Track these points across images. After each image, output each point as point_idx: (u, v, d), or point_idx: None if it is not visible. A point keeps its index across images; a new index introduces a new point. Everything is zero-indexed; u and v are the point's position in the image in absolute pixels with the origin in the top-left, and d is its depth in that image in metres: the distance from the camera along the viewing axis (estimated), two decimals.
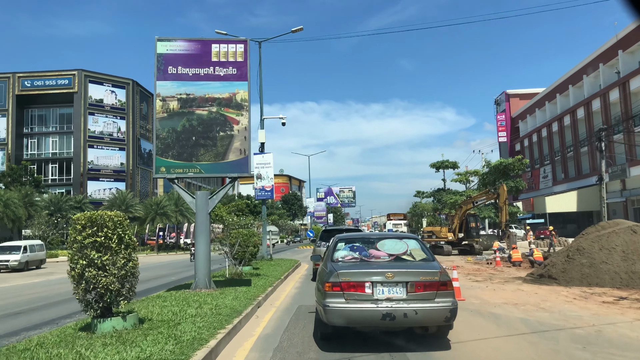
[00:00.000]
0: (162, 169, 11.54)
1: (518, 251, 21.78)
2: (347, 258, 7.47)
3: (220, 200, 12.02)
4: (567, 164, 55.45)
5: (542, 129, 61.50)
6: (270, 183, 24.11)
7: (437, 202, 50.17)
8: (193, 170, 11.49)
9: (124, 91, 68.62)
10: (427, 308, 6.40)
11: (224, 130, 11.43)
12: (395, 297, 6.40)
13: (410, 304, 6.36)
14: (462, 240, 32.21)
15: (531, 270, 17.98)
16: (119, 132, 67.66)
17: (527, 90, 72.21)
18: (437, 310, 6.42)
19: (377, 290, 6.44)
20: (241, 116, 11.49)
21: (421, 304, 6.40)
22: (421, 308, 6.37)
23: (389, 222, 55.25)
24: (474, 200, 31.36)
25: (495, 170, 35.53)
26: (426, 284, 6.47)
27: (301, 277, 18.64)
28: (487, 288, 14.03)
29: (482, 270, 20.45)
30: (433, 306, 6.41)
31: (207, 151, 11.40)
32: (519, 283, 15.17)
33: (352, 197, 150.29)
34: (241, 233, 16.91)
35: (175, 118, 11.51)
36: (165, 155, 11.45)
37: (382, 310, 6.31)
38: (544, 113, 62.39)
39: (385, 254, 7.44)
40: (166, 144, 11.53)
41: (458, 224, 32.15)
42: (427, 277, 6.53)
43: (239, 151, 11.49)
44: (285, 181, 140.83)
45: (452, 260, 26.67)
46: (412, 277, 6.53)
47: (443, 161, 50.44)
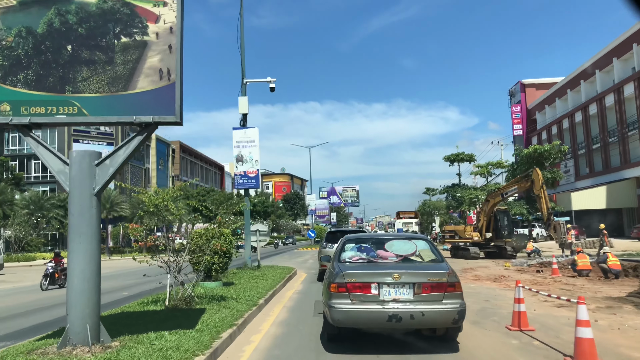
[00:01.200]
0: (3, 106, 5.75)
1: (586, 256, 16.10)
2: (355, 259, 7.31)
3: (119, 167, 6.47)
4: (593, 157, 49.70)
5: (564, 119, 55.78)
6: (255, 168, 18.28)
7: (451, 199, 44.51)
8: (68, 108, 5.74)
9: None
10: (435, 310, 6.14)
11: (129, 32, 5.88)
12: (401, 298, 6.20)
13: (417, 306, 6.13)
14: (490, 241, 26.59)
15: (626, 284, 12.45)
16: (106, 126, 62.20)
17: (544, 79, 66.48)
18: (445, 312, 6.14)
19: (383, 292, 6.25)
20: (163, 6, 5.91)
21: (428, 305, 6.15)
22: (428, 310, 6.12)
23: (398, 221, 49.26)
24: (503, 191, 25.71)
25: (527, 158, 29.83)
26: (433, 285, 6.23)
27: (296, 294, 13.00)
28: (596, 323, 8.25)
29: (540, 281, 14.84)
30: (440, 308, 6.15)
31: (96, 73, 5.84)
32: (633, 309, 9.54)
33: (355, 197, 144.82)
34: (196, 234, 11.47)
35: (33, 9, 5.78)
36: (11, 80, 5.73)
37: (388, 312, 6.11)
38: (565, 103, 56.68)
39: (393, 255, 7.23)
40: (13, 58, 5.78)
41: (485, 222, 26.49)
42: (434, 278, 6.29)
43: (158, 73, 5.89)
44: (287, 180, 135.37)
45: (485, 266, 20.98)
46: (419, 278, 6.33)
47: (458, 154, 44.83)
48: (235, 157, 18.23)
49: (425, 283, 6.25)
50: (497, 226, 26.41)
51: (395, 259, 7.18)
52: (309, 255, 33.34)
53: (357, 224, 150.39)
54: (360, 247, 7.59)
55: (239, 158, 18.29)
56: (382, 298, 6.24)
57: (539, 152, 29.15)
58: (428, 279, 6.29)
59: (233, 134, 17.70)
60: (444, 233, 27.37)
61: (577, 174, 52.55)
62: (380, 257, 7.28)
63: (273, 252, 41.88)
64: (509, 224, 27.00)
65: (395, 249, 7.39)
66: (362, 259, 7.29)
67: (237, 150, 18.12)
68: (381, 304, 6.20)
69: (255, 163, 18.40)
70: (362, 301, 6.25)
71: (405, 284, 6.24)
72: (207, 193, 77.28)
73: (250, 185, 19.26)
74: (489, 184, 40.40)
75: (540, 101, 63.53)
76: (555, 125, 57.82)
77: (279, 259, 30.13)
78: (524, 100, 66.86)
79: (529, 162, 29.79)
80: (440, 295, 6.21)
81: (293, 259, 30.32)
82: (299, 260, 28.27)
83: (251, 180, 18.97)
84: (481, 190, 38.68)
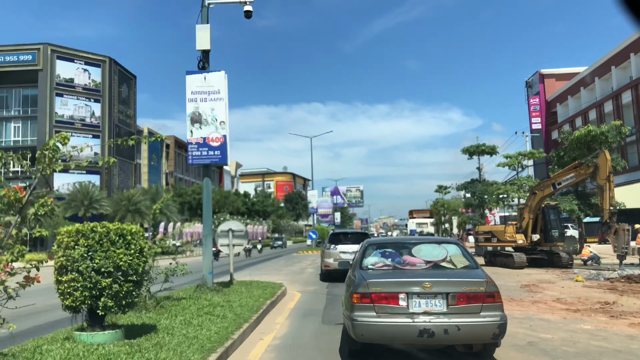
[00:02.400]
0: None
1: None
2: (378, 265, 6.28)
3: None
4: (627, 151, 43.69)
5: (590, 110, 49.82)
6: (221, 133, 11.80)
7: (472, 196, 38.62)
8: None
9: (99, 70, 57.49)
10: (472, 323, 5.23)
11: None
12: (433, 310, 5.31)
13: (452, 319, 5.23)
14: (537, 245, 20.71)
15: None
16: (92, 117, 56.55)
17: (564, 69, 60.52)
18: (483, 326, 5.24)
19: (412, 303, 5.35)
20: None
21: (464, 318, 5.23)
22: (464, 323, 5.20)
23: (411, 222, 42.96)
24: (555, 181, 19.77)
25: (578, 142, 23.84)
26: (470, 295, 5.31)
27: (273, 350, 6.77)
28: None
29: None
30: (478, 321, 5.24)
31: None
32: None
33: (359, 197, 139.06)
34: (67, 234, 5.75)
35: None
36: None
37: (418, 326, 5.21)
38: (592, 92, 50.72)
39: (422, 261, 6.22)
40: None
41: (531, 221, 20.57)
42: (471, 288, 5.37)
43: None
44: (289, 179, 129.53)
45: (547, 280, 15.05)
46: (453, 287, 5.38)
47: (478, 145, 38.99)
48: (188, 115, 11.41)
49: (460, 293, 5.30)
50: (545, 226, 20.52)
51: (425, 265, 6.16)
52: (309, 262, 27.46)
53: (362, 225, 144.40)
54: (384, 253, 6.50)
55: (194, 117, 11.60)
56: (411, 310, 5.32)
57: (592, 134, 23.19)
58: (464, 289, 5.33)
59: (187, 80, 11.48)
60: (477, 235, 21.43)
61: None
62: (407, 263, 6.25)
63: (261, 258, 33.42)
64: (560, 223, 21.05)
65: (423, 254, 6.35)
66: (387, 266, 6.23)
67: (192, 105, 11.55)
68: (411, 317, 5.28)
69: (221, 126, 11.77)
70: (389, 314, 5.33)
71: (438, 294, 5.32)
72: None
73: (212, 159, 12.29)
74: (520, 177, 34.43)
75: (561, 92, 57.52)
76: (580, 117, 51.81)
77: (268, 268, 23.93)
78: (542, 91, 60.88)
79: (580, 147, 23.83)
80: (478, 307, 5.27)
81: (288, 266, 24.41)
82: (294, 269, 22.37)
83: (215, 152, 12.11)
84: (511, 185, 32.80)
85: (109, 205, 44.95)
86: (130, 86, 63.37)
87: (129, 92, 62.91)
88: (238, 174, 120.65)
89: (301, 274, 19.69)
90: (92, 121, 56.41)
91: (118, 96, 59.73)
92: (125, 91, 61.87)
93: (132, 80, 63.73)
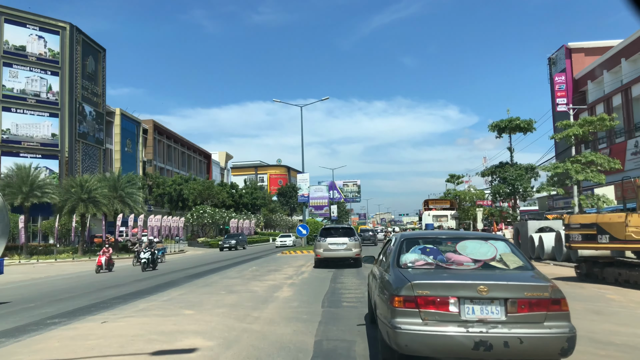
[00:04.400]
0: None
1: None
2: (419, 263, 5.26)
3: None
4: None
5: (632, 86, 41.09)
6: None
7: (501, 183, 29.80)
8: None
9: (58, 38, 48.31)
10: (536, 335, 4.28)
11: None
12: (490, 318, 4.39)
13: (513, 329, 4.29)
14: None
15: None
16: (49, 92, 47.38)
17: (596, 42, 51.71)
18: (550, 339, 4.27)
19: (465, 309, 4.44)
20: None
21: (527, 329, 4.29)
22: (528, 335, 4.26)
23: (426, 214, 33.45)
24: None
25: None
26: (532, 301, 4.38)
27: None
28: None
29: None
30: (544, 333, 4.29)
31: None
32: None
33: (356, 192, 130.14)
34: None
35: None
36: None
37: (474, 337, 4.29)
38: (634, 64, 41.99)
39: (469, 260, 5.22)
40: None
41: None
42: (533, 293, 4.42)
43: None
44: (284, 172, 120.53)
45: None
46: (513, 292, 4.44)
47: (511, 119, 30.28)
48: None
49: (521, 299, 4.40)
50: None
51: (473, 265, 5.16)
52: (293, 270, 18.49)
53: (360, 220, 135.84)
54: (424, 249, 5.51)
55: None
56: (464, 318, 4.42)
57: None
58: (525, 294, 4.42)
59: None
60: (569, 230, 12.54)
61: None
62: (452, 261, 5.23)
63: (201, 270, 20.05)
64: None
65: (469, 251, 5.33)
66: (429, 264, 5.23)
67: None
68: (464, 326, 4.36)
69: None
70: (438, 321, 4.42)
71: (495, 300, 4.43)
72: (185, 182, 62.50)
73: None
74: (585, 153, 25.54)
75: (594, 67, 48.65)
76: (620, 94, 43.03)
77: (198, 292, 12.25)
78: (569, 68, 52.00)
79: None
80: (542, 316, 4.38)
81: (254, 280, 15.08)
82: (264, 287, 13.24)
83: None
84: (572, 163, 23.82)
85: (56, 193, 35.85)
86: (98, 60, 54.18)
87: (97, 67, 53.72)
88: (229, 167, 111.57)
89: (274, 302, 10.66)
90: (49, 97, 47.24)
91: (82, 70, 50.54)
92: (92, 65, 52.66)
93: (100, 53, 54.53)
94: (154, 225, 38.59)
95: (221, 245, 42.93)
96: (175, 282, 15.06)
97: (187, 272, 19.06)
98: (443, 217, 31.97)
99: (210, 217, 49.01)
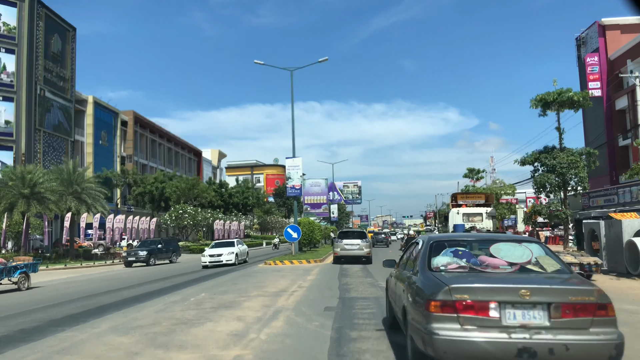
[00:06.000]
0: None
1: None
2: (452, 267, 4.95)
3: None
4: None
5: None
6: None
7: (548, 172, 22.45)
8: None
9: (15, 11, 41.03)
10: (583, 342, 3.97)
11: None
12: (533, 324, 4.08)
13: (558, 335, 4.00)
14: None
15: None
16: (3, 73, 40.05)
17: (634, 18, 44.33)
18: (597, 346, 3.96)
19: (506, 314, 4.14)
20: None
21: (572, 335, 4.01)
22: (573, 342, 3.96)
23: (454, 212, 24.85)
24: None
25: None
26: (577, 306, 4.09)
27: None
28: None
29: None
30: (590, 339, 3.98)
31: None
32: None
33: (357, 193, 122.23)
34: None
35: None
36: None
37: (517, 343, 4.00)
38: None
39: (504, 263, 4.93)
40: None
41: None
42: (578, 297, 4.13)
43: None
44: (281, 172, 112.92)
45: None
46: (557, 296, 4.16)
47: (561, 91, 23.10)
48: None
49: (565, 304, 4.09)
50: None
51: (510, 268, 4.85)
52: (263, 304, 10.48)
53: (361, 222, 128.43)
54: (456, 251, 5.23)
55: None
56: (505, 323, 4.12)
57: None
58: (570, 298, 4.12)
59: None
60: None
61: None
62: (486, 264, 4.95)
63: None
64: None
65: (504, 254, 5.03)
66: (462, 267, 4.94)
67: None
68: (506, 332, 4.07)
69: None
70: (478, 327, 4.13)
71: (537, 304, 4.13)
72: (170, 179, 55.06)
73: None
74: None
75: (634, 45, 41.41)
76: None
77: None
78: (603, 47, 44.78)
79: None
80: (587, 322, 4.06)
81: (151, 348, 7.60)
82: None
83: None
84: None
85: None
86: (67, 40, 46.85)
87: (64, 47, 46.39)
88: (223, 166, 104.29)
89: None
90: (2, 78, 39.91)
91: (45, 49, 43.23)
92: (58, 44, 45.33)
93: (69, 32, 47.21)
94: (115, 227, 31.18)
95: (125, 258, 28.17)
96: None
97: None
98: (476, 216, 24.21)
99: (191, 218, 41.57)
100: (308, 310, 9.59)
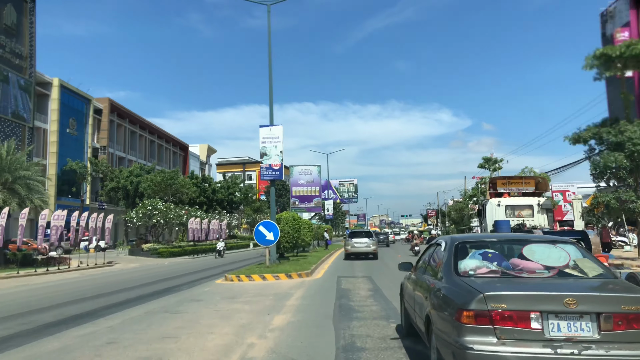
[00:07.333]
0: None
1: None
2: (481, 271, 4.27)
3: None
4: None
5: None
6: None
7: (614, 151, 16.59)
8: None
9: None
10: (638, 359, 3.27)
11: None
12: (580, 337, 3.43)
13: (610, 351, 3.31)
14: None
15: None
16: None
17: None
18: None
19: (549, 325, 3.48)
20: None
21: (627, 350, 3.31)
22: (628, 358, 3.28)
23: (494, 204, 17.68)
24: None
25: None
26: (630, 316, 3.39)
27: None
28: None
29: None
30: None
31: None
32: None
33: (353, 192, 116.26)
34: None
35: None
36: None
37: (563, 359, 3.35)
38: None
39: (541, 266, 4.23)
40: None
41: None
42: (632, 307, 3.41)
43: None
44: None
45: None
46: (607, 305, 3.47)
47: (629, 43, 17.03)
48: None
49: (617, 314, 3.38)
50: None
51: (547, 272, 4.14)
52: None
53: (358, 222, 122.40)
54: (485, 254, 4.50)
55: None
56: (548, 336, 3.45)
57: None
58: (622, 307, 3.39)
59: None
60: None
61: None
62: (520, 268, 4.23)
63: None
64: None
65: (538, 257, 4.30)
66: (493, 272, 4.24)
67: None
68: (550, 346, 3.39)
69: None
70: (518, 340, 3.44)
71: (585, 314, 3.45)
72: (147, 173, 48.77)
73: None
74: None
75: None
76: None
77: None
78: (635, 21, 38.99)
79: None
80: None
81: None
82: None
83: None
84: None
85: None
86: (24, 12, 40.59)
87: (21, 20, 40.13)
88: (213, 162, 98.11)
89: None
90: None
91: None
92: (12, 16, 39.06)
93: (26, 3, 40.93)
94: (59, 225, 25.00)
95: None
96: None
97: None
98: (524, 209, 17.43)
99: (162, 216, 35.39)
100: None
